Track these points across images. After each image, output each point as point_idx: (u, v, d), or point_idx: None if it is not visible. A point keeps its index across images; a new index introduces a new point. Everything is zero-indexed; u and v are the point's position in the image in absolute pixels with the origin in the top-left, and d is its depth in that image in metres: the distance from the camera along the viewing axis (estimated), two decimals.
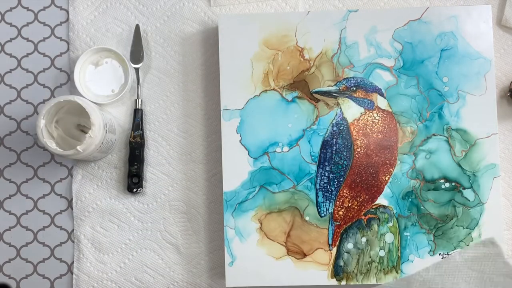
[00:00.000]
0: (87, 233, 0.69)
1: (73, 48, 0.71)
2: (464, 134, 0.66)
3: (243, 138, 0.66)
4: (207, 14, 0.71)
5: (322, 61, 0.67)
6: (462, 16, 0.66)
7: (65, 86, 0.71)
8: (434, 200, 0.65)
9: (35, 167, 0.70)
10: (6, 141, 0.71)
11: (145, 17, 0.71)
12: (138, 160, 0.68)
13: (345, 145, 0.66)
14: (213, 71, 0.70)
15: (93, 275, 0.69)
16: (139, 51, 0.70)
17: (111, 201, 0.69)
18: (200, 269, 0.69)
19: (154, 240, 0.69)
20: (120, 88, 0.70)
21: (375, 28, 0.67)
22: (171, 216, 0.69)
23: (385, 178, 0.66)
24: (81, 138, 0.63)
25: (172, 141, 0.70)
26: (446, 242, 0.65)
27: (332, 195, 0.66)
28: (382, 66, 0.67)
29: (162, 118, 0.70)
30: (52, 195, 0.70)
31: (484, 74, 0.66)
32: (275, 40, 0.67)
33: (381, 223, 0.65)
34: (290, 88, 0.67)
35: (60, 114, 0.65)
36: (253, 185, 0.66)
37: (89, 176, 0.70)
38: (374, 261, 0.65)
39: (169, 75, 0.71)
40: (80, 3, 0.72)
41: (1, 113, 0.71)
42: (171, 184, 0.70)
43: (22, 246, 0.70)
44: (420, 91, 0.66)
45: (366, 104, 0.66)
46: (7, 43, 0.72)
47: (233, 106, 0.67)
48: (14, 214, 0.70)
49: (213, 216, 0.69)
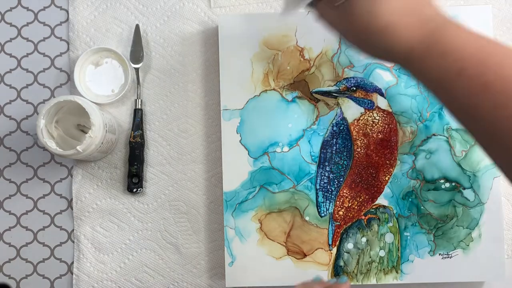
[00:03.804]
0: (87, 233, 0.69)
1: (73, 48, 0.71)
2: (464, 134, 0.65)
3: (243, 138, 0.66)
4: (207, 14, 0.71)
5: (322, 61, 0.67)
6: (462, 16, 0.66)
7: (65, 86, 0.71)
8: (434, 200, 0.65)
9: (35, 167, 0.70)
10: (6, 141, 0.71)
11: (145, 17, 0.71)
12: (138, 160, 0.68)
13: (345, 145, 0.66)
14: (213, 71, 0.70)
15: (93, 275, 0.69)
16: (139, 51, 0.70)
17: (111, 201, 0.69)
18: (200, 269, 0.69)
19: (154, 240, 0.69)
20: (120, 88, 0.70)
21: None
22: (171, 216, 0.69)
23: (385, 178, 0.66)
24: (81, 138, 0.63)
25: (172, 141, 0.70)
26: (446, 242, 0.65)
27: (332, 195, 0.66)
28: (382, 66, 0.67)
29: (162, 118, 0.70)
30: (52, 195, 0.70)
31: None
32: (275, 40, 0.67)
33: (381, 223, 0.65)
34: (290, 88, 0.67)
35: (60, 114, 0.65)
36: (253, 185, 0.66)
37: (89, 176, 0.70)
38: (374, 261, 0.65)
39: (169, 75, 0.71)
40: (80, 3, 0.72)
41: (1, 113, 0.71)
42: (171, 184, 0.69)
43: (22, 246, 0.70)
44: (420, 91, 0.66)
45: (366, 104, 0.66)
46: (7, 43, 0.72)
47: (233, 106, 0.67)
48: (14, 214, 0.70)
49: (213, 216, 0.69)
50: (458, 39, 0.41)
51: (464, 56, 0.40)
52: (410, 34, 0.42)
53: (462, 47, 0.40)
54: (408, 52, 0.42)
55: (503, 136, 0.39)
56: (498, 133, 0.39)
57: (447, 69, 0.40)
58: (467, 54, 0.40)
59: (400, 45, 0.42)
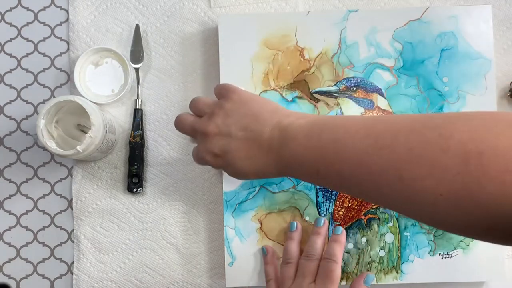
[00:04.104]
0: (87, 233, 0.69)
1: (73, 48, 0.71)
2: None
3: None
4: (207, 14, 0.71)
5: (322, 61, 0.67)
6: (462, 16, 0.66)
7: (65, 86, 0.71)
8: None
9: (35, 167, 0.70)
10: (6, 141, 0.71)
11: (145, 17, 0.71)
12: (138, 160, 0.68)
13: None
14: (213, 71, 0.70)
15: (93, 275, 0.69)
16: (139, 51, 0.70)
17: (111, 201, 0.69)
18: (200, 269, 0.69)
19: (154, 240, 0.69)
20: (120, 88, 0.70)
21: (375, 28, 0.67)
22: (171, 216, 0.69)
23: None
24: (81, 138, 0.63)
25: (172, 141, 0.70)
26: (446, 242, 0.65)
27: (332, 195, 0.66)
28: (382, 66, 0.67)
29: (162, 118, 0.70)
30: (52, 195, 0.70)
31: (484, 74, 0.66)
32: (275, 40, 0.67)
33: (381, 223, 0.65)
34: (290, 88, 0.67)
35: (60, 114, 0.65)
36: (253, 185, 0.66)
37: (89, 176, 0.70)
38: (374, 261, 0.65)
39: (169, 75, 0.71)
40: (80, 3, 0.72)
41: (1, 113, 0.71)
42: (171, 184, 0.69)
43: (22, 246, 0.70)
44: (420, 91, 0.66)
45: (366, 104, 0.66)
46: (7, 43, 0.72)
47: None
48: (14, 214, 0.70)
49: (213, 216, 0.69)
50: (298, 152, 0.51)
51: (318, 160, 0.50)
52: (272, 171, 0.55)
53: (305, 158, 0.50)
54: (275, 174, 0.55)
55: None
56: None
57: (308, 174, 0.51)
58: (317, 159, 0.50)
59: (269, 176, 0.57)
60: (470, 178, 0.37)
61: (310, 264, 0.61)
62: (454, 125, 0.40)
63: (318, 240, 0.63)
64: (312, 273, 0.60)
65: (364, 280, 0.62)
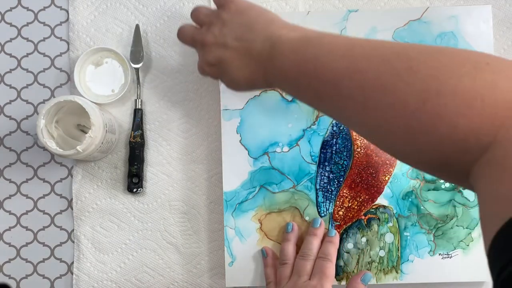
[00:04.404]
0: (87, 233, 0.69)
1: (73, 48, 0.71)
2: None
3: (243, 138, 0.66)
4: None
5: None
6: (462, 16, 0.66)
7: (65, 86, 0.71)
8: (434, 200, 0.65)
9: (35, 167, 0.70)
10: (6, 141, 0.71)
11: (145, 17, 0.71)
12: (138, 160, 0.68)
13: (345, 145, 0.66)
14: None
15: (93, 275, 0.69)
16: (139, 51, 0.70)
17: (111, 201, 0.69)
18: (200, 269, 0.69)
19: (154, 240, 0.69)
20: (120, 88, 0.70)
21: (375, 28, 0.67)
22: (171, 216, 0.69)
23: (385, 178, 0.66)
24: (81, 138, 0.63)
25: (172, 141, 0.70)
26: (446, 242, 0.65)
27: (332, 195, 0.66)
28: None
29: (162, 118, 0.70)
30: (52, 195, 0.70)
31: None
32: None
33: (381, 223, 0.65)
34: None
35: (60, 114, 0.65)
36: (253, 185, 0.66)
37: (89, 176, 0.70)
38: (374, 261, 0.65)
39: (169, 75, 0.71)
40: (80, 3, 0.72)
41: (1, 113, 0.71)
42: (171, 184, 0.69)
43: (22, 246, 0.70)
44: None
45: None
46: (7, 43, 0.72)
47: (233, 106, 0.67)
48: (14, 214, 0.70)
49: (213, 216, 0.69)
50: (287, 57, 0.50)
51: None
52: (261, 82, 0.54)
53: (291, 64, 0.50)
54: (265, 86, 0.56)
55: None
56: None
57: (291, 88, 0.51)
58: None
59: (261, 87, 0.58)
60: (426, 117, 0.37)
61: (305, 264, 0.61)
62: (424, 60, 0.39)
63: (314, 240, 0.63)
64: (307, 272, 0.61)
65: (362, 278, 0.62)
